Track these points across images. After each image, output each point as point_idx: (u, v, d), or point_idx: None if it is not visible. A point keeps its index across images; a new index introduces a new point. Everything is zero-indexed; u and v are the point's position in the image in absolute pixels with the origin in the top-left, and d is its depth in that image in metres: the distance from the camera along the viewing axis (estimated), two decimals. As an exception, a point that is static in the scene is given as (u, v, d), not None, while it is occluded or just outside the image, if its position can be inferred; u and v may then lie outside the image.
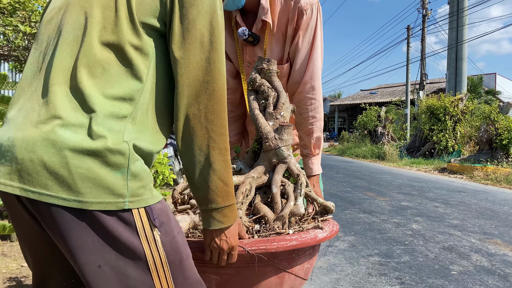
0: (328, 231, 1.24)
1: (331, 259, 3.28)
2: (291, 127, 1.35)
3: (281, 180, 1.31)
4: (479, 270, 3.04)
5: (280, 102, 1.40)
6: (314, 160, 1.63)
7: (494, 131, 9.98)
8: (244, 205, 1.21)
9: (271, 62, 1.42)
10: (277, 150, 1.33)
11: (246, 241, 1.09)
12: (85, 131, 0.78)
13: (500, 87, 27.41)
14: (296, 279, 1.22)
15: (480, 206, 5.64)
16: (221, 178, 0.92)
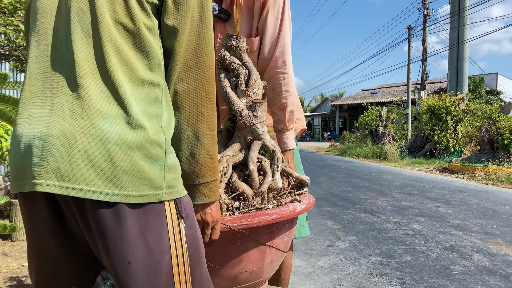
0: (305, 203, 1.27)
1: (332, 259, 3.27)
2: (264, 103, 1.35)
3: (257, 156, 1.31)
4: (481, 270, 3.03)
5: (252, 79, 1.39)
6: (288, 134, 1.63)
7: (496, 131, 9.96)
8: (222, 183, 1.22)
9: (240, 39, 1.41)
10: (252, 127, 1.32)
11: (228, 218, 1.10)
12: (124, 121, 0.78)
13: (501, 87, 27.34)
14: (277, 252, 1.24)
15: (481, 206, 5.63)
16: (209, 152, 0.92)
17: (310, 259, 3.27)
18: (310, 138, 38.13)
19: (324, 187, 7.37)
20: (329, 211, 5.15)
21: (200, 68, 0.89)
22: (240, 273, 1.17)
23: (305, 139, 37.47)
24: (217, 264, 1.13)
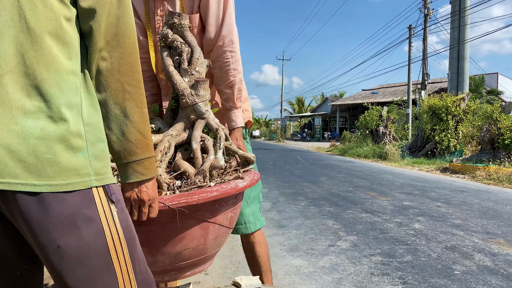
0: (248, 180, 1.27)
1: (333, 259, 3.26)
2: (207, 82, 1.33)
3: (200, 135, 1.30)
4: (482, 270, 3.02)
5: (194, 57, 1.37)
6: (237, 112, 1.63)
7: (497, 131, 9.95)
8: (163, 163, 1.21)
9: (183, 16, 1.39)
10: (195, 106, 1.31)
11: (167, 196, 1.10)
12: (46, 115, 0.79)
13: (502, 87, 27.32)
14: (221, 228, 1.25)
15: (482, 206, 5.62)
16: (139, 129, 0.92)
17: (311, 259, 3.26)
18: (311, 138, 38.12)
19: (325, 187, 7.36)
20: (330, 211, 5.14)
21: (123, 47, 0.89)
22: (183, 250, 1.18)
23: (306, 139, 37.46)
24: (159, 242, 1.13)
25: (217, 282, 2.78)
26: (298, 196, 6.29)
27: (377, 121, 17.76)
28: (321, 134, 37.36)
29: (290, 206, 5.48)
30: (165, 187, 1.16)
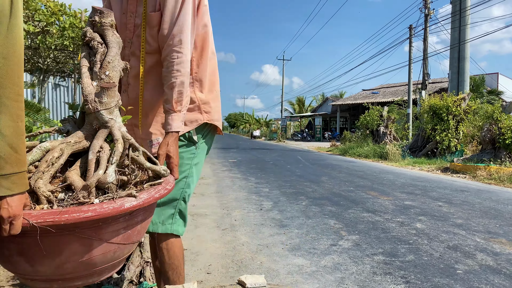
0: (142, 199, 1.18)
1: (335, 258, 3.26)
2: (113, 88, 1.25)
3: (100, 145, 1.21)
4: (485, 269, 3.02)
5: (106, 60, 1.28)
6: (174, 116, 1.55)
7: (497, 131, 9.95)
8: (46, 174, 1.14)
9: (104, 14, 1.31)
10: (97, 114, 1.22)
11: (37, 212, 1.04)
12: None
13: (502, 87, 27.32)
14: (111, 244, 1.19)
15: (483, 205, 5.61)
16: (11, 144, 0.91)
17: (313, 258, 3.26)
18: (311, 138, 38.12)
19: (326, 186, 7.35)
20: (331, 210, 5.14)
21: (6, 59, 0.89)
22: (64, 264, 1.13)
23: (306, 139, 37.46)
24: (36, 254, 1.09)
25: (219, 281, 2.78)
26: (299, 196, 6.28)
27: (378, 121, 17.76)
28: (322, 134, 37.37)
29: (291, 206, 5.47)
30: (43, 200, 1.09)
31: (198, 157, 1.81)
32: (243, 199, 6.06)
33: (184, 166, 1.73)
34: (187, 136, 1.74)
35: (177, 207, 1.74)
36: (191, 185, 1.78)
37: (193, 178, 1.79)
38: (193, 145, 1.78)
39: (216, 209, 5.27)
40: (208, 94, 1.78)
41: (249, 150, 20.18)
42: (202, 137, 1.82)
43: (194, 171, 1.79)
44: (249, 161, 13.13)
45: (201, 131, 1.81)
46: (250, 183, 7.88)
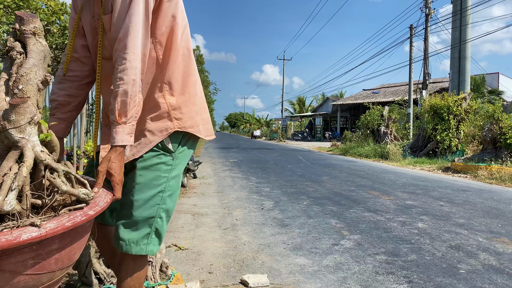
0: (47, 229, 1.05)
1: (337, 258, 3.25)
2: (23, 104, 1.12)
3: (9, 167, 1.11)
4: (488, 269, 3.01)
5: (20, 72, 1.16)
6: (118, 129, 1.39)
7: (499, 130, 9.94)
8: None
9: (25, 20, 1.19)
10: (6, 133, 1.11)
11: None
12: None
13: (503, 87, 27.30)
14: (19, 275, 1.09)
15: (485, 205, 5.60)
16: None
17: (315, 258, 3.24)
18: (312, 138, 38.10)
19: (327, 186, 7.34)
20: (332, 210, 5.13)
21: None
22: None
23: (307, 138, 37.45)
24: None
25: (221, 280, 2.77)
26: (301, 195, 6.27)
27: (379, 120, 17.75)
28: (322, 134, 37.36)
29: (292, 205, 5.46)
30: None
31: (177, 169, 1.63)
32: (244, 198, 6.05)
33: (160, 180, 1.57)
34: (160, 146, 1.57)
35: (153, 226, 1.58)
36: (168, 200, 1.60)
37: (172, 193, 1.61)
38: (169, 156, 1.60)
39: (217, 209, 5.26)
40: (180, 97, 1.61)
41: (250, 150, 20.17)
42: (180, 146, 1.63)
43: (172, 184, 1.61)
44: (250, 161, 13.12)
45: (177, 140, 1.62)
46: (251, 182, 7.86)
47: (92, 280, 2.28)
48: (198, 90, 1.73)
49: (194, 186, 7.28)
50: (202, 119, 1.72)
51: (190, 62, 1.67)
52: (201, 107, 1.72)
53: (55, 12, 4.31)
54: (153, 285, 2.29)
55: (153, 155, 1.57)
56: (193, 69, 1.69)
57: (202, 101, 1.74)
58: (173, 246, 3.56)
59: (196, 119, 1.66)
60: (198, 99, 1.70)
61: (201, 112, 1.72)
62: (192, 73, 1.68)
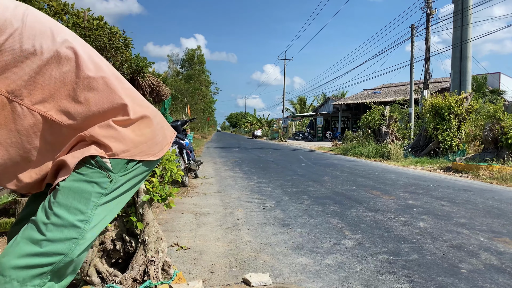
0: None
1: (339, 257, 3.25)
2: None
3: None
4: (489, 268, 3.01)
5: None
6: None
7: (500, 130, 9.93)
8: None
9: None
10: None
11: None
12: None
13: (504, 86, 27.27)
14: None
15: (487, 204, 5.60)
16: None
17: (316, 257, 3.25)
18: (313, 137, 38.10)
19: (328, 186, 7.35)
20: (334, 210, 5.13)
21: None
22: None
23: (307, 138, 37.45)
24: None
25: (223, 280, 2.78)
26: (302, 195, 6.28)
27: (380, 120, 17.74)
28: (323, 134, 37.36)
29: (294, 205, 5.47)
30: None
31: (112, 194, 1.31)
32: (246, 198, 6.05)
33: (81, 203, 1.23)
34: (94, 163, 1.27)
35: (53, 265, 1.17)
36: (88, 234, 1.24)
37: (96, 224, 1.26)
38: (105, 176, 1.29)
39: (218, 208, 5.27)
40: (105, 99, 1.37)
41: (251, 150, 20.18)
42: (123, 170, 1.34)
43: (99, 213, 1.27)
44: (251, 161, 13.13)
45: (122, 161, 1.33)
46: (252, 182, 7.87)
47: (94, 279, 2.29)
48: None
49: (195, 186, 7.29)
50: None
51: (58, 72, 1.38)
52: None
53: (58, 12, 4.33)
54: (155, 284, 2.30)
55: (83, 172, 1.30)
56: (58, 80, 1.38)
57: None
58: (174, 246, 3.57)
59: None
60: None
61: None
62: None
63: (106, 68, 1.37)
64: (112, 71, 1.40)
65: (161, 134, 1.48)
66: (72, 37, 1.34)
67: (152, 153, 1.43)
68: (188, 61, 56.48)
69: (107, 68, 1.38)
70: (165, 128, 1.53)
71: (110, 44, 4.80)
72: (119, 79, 1.41)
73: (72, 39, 1.33)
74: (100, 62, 1.37)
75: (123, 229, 2.43)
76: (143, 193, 2.38)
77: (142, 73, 6.37)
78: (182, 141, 7.31)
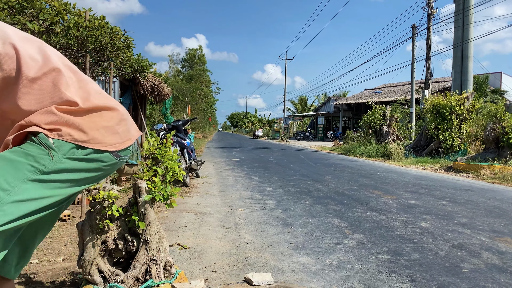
0: None
1: (340, 257, 3.26)
2: None
3: None
4: (491, 268, 3.01)
5: None
6: None
7: (501, 130, 9.92)
8: None
9: None
10: None
11: None
12: None
13: (505, 86, 27.23)
14: None
15: (488, 204, 5.60)
16: None
17: (318, 257, 3.25)
18: (314, 137, 38.08)
19: (330, 185, 7.35)
20: (335, 209, 5.13)
21: None
22: None
23: (309, 138, 37.44)
24: None
25: (224, 279, 2.78)
26: (303, 195, 6.28)
27: (381, 120, 17.72)
28: (324, 134, 37.34)
29: (295, 205, 5.47)
30: None
31: (53, 176, 1.25)
32: (247, 198, 6.06)
33: (10, 173, 1.18)
34: (36, 140, 1.25)
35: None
36: (7, 206, 1.15)
37: (22, 200, 1.18)
38: (46, 154, 1.24)
39: (220, 208, 5.27)
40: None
41: (252, 149, 20.18)
42: (71, 154, 1.30)
43: (30, 188, 1.20)
44: (252, 160, 13.13)
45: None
46: (254, 182, 7.88)
47: (96, 278, 2.29)
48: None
49: (196, 186, 7.30)
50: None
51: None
52: None
53: (59, 12, 4.33)
54: (157, 283, 2.30)
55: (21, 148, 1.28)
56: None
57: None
58: (176, 245, 3.57)
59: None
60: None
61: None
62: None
63: (57, 60, 1.36)
64: (64, 62, 1.39)
65: (122, 126, 1.44)
66: (13, 33, 1.31)
67: (107, 143, 1.37)
68: (189, 61, 56.50)
69: (58, 60, 1.36)
70: (129, 122, 1.50)
71: (111, 44, 4.80)
72: (73, 71, 1.39)
73: (12, 34, 1.30)
74: (51, 54, 1.35)
75: (125, 228, 2.43)
76: (145, 193, 2.39)
77: (143, 73, 6.36)
78: (184, 140, 7.32)
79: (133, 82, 10.07)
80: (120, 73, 6.78)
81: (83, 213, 4.29)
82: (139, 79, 9.49)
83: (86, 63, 4.67)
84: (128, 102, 10.17)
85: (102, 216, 2.32)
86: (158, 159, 2.52)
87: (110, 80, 5.44)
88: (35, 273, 2.79)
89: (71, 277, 2.72)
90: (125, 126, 1.46)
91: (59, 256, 3.17)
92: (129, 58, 5.54)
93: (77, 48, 4.71)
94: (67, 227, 4.05)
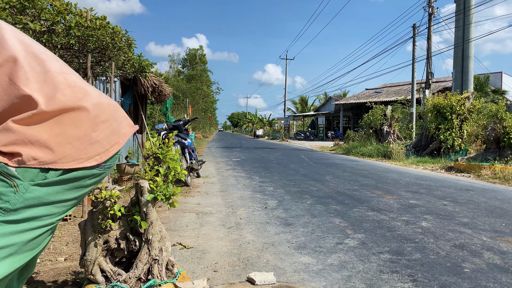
0: None
1: (342, 256, 3.26)
2: None
3: None
4: (492, 268, 3.01)
5: None
6: None
7: (502, 130, 9.91)
8: None
9: None
10: None
11: None
12: None
13: (506, 86, 27.22)
14: None
15: (489, 204, 5.60)
16: None
17: (319, 257, 3.26)
18: (314, 137, 38.08)
19: (330, 185, 7.35)
20: (336, 209, 5.14)
21: None
22: None
23: (309, 138, 37.44)
24: None
25: (226, 279, 2.78)
26: (304, 195, 6.28)
27: (381, 120, 17.72)
28: (325, 133, 37.34)
29: (296, 205, 5.47)
30: None
31: (23, 213, 1.03)
32: (248, 197, 6.06)
33: None
34: None
35: None
36: None
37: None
38: (9, 185, 1.02)
39: (221, 208, 5.27)
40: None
41: (252, 149, 20.18)
42: (40, 179, 1.06)
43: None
44: (253, 160, 13.14)
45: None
46: (254, 181, 7.88)
47: (98, 278, 2.30)
48: None
49: (197, 185, 7.30)
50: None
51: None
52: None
53: (60, 12, 4.33)
54: (159, 282, 2.31)
55: None
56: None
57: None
58: (178, 245, 3.57)
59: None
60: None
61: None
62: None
63: (17, 45, 1.07)
64: (29, 48, 1.10)
65: (102, 131, 1.17)
66: None
67: (84, 157, 1.11)
68: (190, 61, 56.50)
69: (19, 45, 1.08)
70: (116, 122, 1.23)
71: (113, 44, 4.81)
72: (40, 59, 1.11)
73: None
74: (8, 38, 1.06)
75: (127, 228, 2.44)
76: (147, 192, 2.39)
77: (144, 73, 6.37)
78: (184, 140, 7.32)
79: (134, 82, 10.07)
80: (121, 73, 6.78)
81: (85, 212, 4.30)
82: (140, 79, 9.50)
83: (87, 63, 4.67)
84: (129, 102, 10.18)
85: (104, 215, 2.33)
86: (160, 159, 2.53)
87: (111, 80, 5.45)
88: (37, 272, 2.79)
89: (73, 276, 2.72)
90: (107, 129, 1.18)
91: (61, 255, 3.18)
92: (130, 58, 5.54)
93: (79, 48, 4.72)
94: (69, 227, 4.05)
